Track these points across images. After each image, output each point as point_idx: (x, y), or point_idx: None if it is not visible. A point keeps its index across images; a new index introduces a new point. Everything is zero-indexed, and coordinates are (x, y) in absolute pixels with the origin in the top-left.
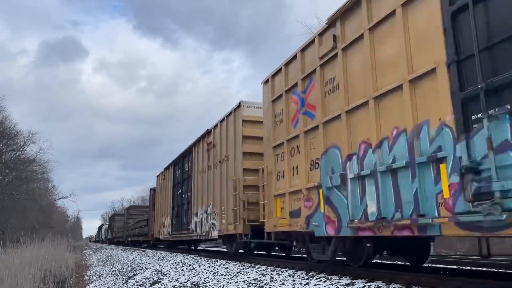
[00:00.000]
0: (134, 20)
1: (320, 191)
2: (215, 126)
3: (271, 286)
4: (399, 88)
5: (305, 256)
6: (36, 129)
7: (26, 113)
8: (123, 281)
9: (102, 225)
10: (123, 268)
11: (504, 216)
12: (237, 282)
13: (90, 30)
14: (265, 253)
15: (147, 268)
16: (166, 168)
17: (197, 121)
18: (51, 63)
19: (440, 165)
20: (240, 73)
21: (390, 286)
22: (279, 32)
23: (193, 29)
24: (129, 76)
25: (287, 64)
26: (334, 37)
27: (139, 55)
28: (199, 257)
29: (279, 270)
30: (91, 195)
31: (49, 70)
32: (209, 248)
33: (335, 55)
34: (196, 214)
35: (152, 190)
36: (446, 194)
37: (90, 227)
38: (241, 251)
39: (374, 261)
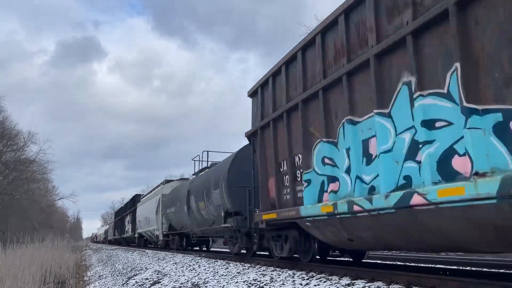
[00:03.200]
0: (153, 21)
1: None
2: None
3: (271, 287)
4: None
5: None
6: (48, 128)
7: (40, 112)
8: (123, 282)
9: (126, 207)
10: (123, 268)
11: None
12: (237, 282)
13: (107, 30)
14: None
15: (147, 269)
16: None
17: (208, 121)
18: (68, 62)
19: None
20: (254, 73)
21: (390, 286)
22: (297, 31)
23: (211, 29)
24: (143, 76)
25: None
26: None
27: (155, 55)
28: (199, 258)
29: (279, 271)
30: (93, 195)
31: (65, 69)
32: None
33: None
34: None
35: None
36: None
37: (90, 227)
38: None
39: (374, 261)
